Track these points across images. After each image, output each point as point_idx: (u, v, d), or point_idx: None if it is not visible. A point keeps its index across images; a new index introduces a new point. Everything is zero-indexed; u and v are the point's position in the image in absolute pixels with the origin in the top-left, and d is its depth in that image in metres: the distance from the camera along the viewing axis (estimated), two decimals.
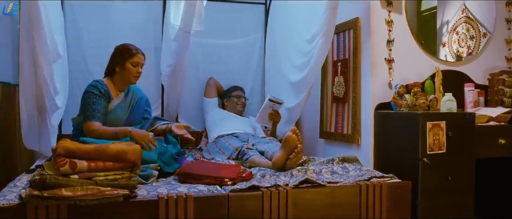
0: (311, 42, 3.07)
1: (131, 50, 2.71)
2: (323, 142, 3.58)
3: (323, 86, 3.54)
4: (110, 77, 2.78)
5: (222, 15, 3.95)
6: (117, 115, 2.73)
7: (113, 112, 2.72)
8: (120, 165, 1.97)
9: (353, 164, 2.64)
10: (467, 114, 2.71)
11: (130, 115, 2.80)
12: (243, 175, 2.30)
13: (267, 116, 3.41)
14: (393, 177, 2.41)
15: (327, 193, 2.18)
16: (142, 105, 2.89)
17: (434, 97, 2.79)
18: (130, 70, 2.71)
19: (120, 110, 2.74)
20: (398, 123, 2.76)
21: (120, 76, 2.74)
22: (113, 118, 2.71)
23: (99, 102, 2.60)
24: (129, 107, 2.79)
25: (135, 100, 2.84)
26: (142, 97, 2.90)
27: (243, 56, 4.05)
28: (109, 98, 2.69)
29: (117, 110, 2.73)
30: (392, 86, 2.96)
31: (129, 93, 2.83)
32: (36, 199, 1.75)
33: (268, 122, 3.48)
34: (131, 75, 2.72)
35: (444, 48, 3.21)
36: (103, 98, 2.64)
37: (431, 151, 2.52)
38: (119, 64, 2.72)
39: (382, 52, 2.97)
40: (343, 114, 3.23)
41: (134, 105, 2.82)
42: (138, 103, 2.85)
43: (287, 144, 2.61)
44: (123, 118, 2.76)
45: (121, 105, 2.76)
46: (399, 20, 3.01)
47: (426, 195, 2.52)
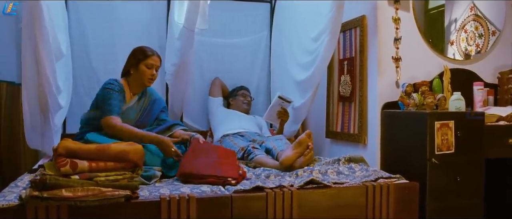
0: (317, 41, 3.05)
1: (146, 52, 2.70)
2: (329, 142, 3.55)
3: (329, 85, 3.51)
4: (126, 78, 2.76)
5: (227, 13, 3.92)
6: (128, 117, 2.68)
7: (125, 114, 2.67)
8: (121, 165, 1.95)
9: (360, 165, 2.62)
10: (476, 113, 2.67)
11: (140, 117, 2.76)
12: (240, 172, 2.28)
13: (276, 114, 3.39)
14: (401, 177, 2.38)
15: (332, 194, 2.16)
16: (156, 109, 2.85)
17: (443, 96, 2.76)
18: (143, 72, 2.69)
19: (131, 111, 2.72)
20: (406, 122, 2.73)
21: (135, 78, 2.72)
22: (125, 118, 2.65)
23: (117, 97, 2.58)
24: (141, 110, 2.77)
25: (148, 103, 2.80)
26: (155, 99, 2.86)
27: (248, 55, 4.02)
28: (124, 98, 2.67)
29: (128, 112, 2.69)
30: (399, 85, 2.93)
31: (143, 96, 2.80)
32: (36, 200, 1.73)
33: (276, 120, 3.46)
34: (145, 78, 2.70)
35: (452, 47, 3.17)
36: (121, 95, 2.62)
37: (439, 151, 2.49)
38: (133, 65, 2.70)
39: (389, 51, 2.93)
40: (350, 114, 3.21)
41: (146, 107, 2.79)
42: (150, 105, 2.81)
43: (300, 145, 2.60)
44: (133, 120, 2.72)
45: (133, 107, 2.73)
46: (407, 18, 2.98)
47: (434, 196, 2.48)
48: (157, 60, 2.74)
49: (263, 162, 2.72)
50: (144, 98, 2.79)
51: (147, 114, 2.79)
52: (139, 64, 2.69)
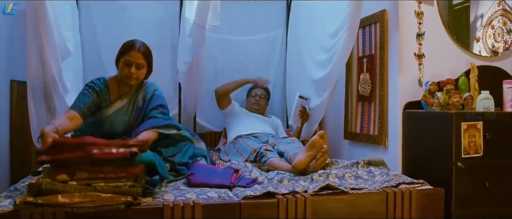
0: (334, 37, 3.01)
1: (126, 46, 2.42)
2: (347, 144, 3.52)
3: (347, 84, 3.47)
4: (115, 76, 2.52)
5: (243, 10, 3.92)
6: (117, 120, 2.47)
7: (111, 118, 2.45)
8: (123, 174, 1.83)
9: (380, 168, 2.54)
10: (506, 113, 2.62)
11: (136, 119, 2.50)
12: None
13: (299, 114, 3.41)
14: (424, 183, 2.29)
15: (350, 201, 2.07)
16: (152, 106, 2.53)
17: (469, 95, 2.70)
18: (121, 70, 2.41)
19: (119, 115, 2.47)
20: (429, 123, 2.68)
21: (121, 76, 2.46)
22: (112, 123, 2.46)
23: (87, 95, 2.37)
24: (133, 110, 2.51)
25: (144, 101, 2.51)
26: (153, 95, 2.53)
27: (264, 53, 4.01)
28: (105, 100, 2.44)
29: (116, 115, 2.47)
30: (422, 83, 2.88)
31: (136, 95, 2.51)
32: (30, 206, 1.65)
33: (299, 121, 3.48)
34: (123, 76, 2.41)
35: (478, 44, 3.09)
36: (95, 94, 2.39)
37: (466, 154, 2.43)
38: (117, 62, 2.45)
39: (411, 47, 2.88)
40: (369, 114, 3.16)
41: (139, 107, 2.50)
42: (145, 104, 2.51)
43: (313, 147, 2.49)
44: (124, 122, 2.48)
45: (122, 110, 2.48)
46: (430, 11, 2.91)
47: (461, 203, 2.42)
48: (136, 56, 2.38)
49: (276, 165, 2.63)
50: (137, 97, 2.51)
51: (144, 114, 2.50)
52: (119, 60, 2.42)
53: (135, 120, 2.50)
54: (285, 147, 2.83)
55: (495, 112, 2.62)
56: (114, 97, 2.47)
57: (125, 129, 2.47)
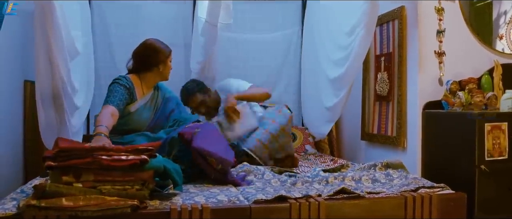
0: (351, 35, 2.98)
1: (168, 47, 2.74)
2: (364, 145, 3.50)
3: (364, 83, 3.46)
4: (138, 74, 2.68)
5: (257, 8, 3.92)
6: (142, 116, 2.63)
7: (137, 113, 2.61)
8: (131, 178, 1.79)
9: (398, 171, 2.48)
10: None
11: (155, 116, 2.69)
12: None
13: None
14: (445, 187, 2.22)
15: (366, 206, 2.01)
16: (170, 107, 2.78)
17: (493, 94, 2.67)
18: (168, 68, 2.72)
19: (145, 111, 2.65)
20: (450, 124, 2.63)
21: (157, 74, 2.69)
22: (137, 119, 2.60)
23: (120, 91, 2.51)
24: (155, 108, 2.71)
25: (161, 100, 2.75)
26: (169, 97, 2.80)
27: (279, 52, 4.01)
28: (133, 96, 2.60)
29: (141, 111, 2.63)
30: (443, 82, 2.85)
31: (155, 91, 2.75)
32: (33, 209, 1.61)
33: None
34: (169, 72, 2.74)
35: (501, 41, 3.05)
36: (126, 91, 2.55)
37: (490, 157, 2.39)
38: (162, 62, 2.68)
39: (431, 44, 2.84)
40: (387, 114, 3.13)
41: (159, 106, 2.73)
42: (164, 103, 2.76)
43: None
44: (147, 120, 2.65)
45: (147, 105, 2.67)
46: (451, 7, 2.88)
47: (484, 209, 2.37)
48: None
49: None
50: (157, 95, 2.75)
51: (162, 113, 2.73)
52: (167, 59, 2.69)
53: (154, 117, 2.69)
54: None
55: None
56: (139, 95, 2.64)
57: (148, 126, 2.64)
